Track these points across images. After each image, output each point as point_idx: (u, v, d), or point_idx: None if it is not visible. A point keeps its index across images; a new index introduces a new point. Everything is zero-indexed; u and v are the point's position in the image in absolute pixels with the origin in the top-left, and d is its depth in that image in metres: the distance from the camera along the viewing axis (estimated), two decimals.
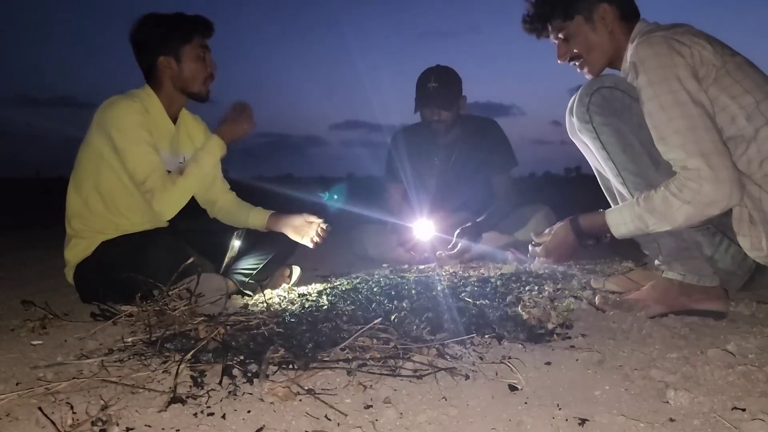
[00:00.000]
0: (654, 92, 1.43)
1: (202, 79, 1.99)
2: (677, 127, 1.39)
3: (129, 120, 1.84)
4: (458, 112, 2.79)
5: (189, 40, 1.95)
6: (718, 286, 1.61)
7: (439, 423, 0.97)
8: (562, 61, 1.74)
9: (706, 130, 1.38)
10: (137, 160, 1.84)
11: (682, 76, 1.41)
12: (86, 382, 1.13)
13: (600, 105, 1.54)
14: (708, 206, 1.38)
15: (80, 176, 1.94)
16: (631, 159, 1.55)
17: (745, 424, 0.94)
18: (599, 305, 1.69)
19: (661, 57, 1.43)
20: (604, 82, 1.56)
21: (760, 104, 1.43)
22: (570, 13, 1.66)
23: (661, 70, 1.43)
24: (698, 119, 1.39)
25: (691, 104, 1.39)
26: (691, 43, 1.45)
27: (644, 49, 1.47)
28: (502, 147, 2.89)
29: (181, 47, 1.95)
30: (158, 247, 1.77)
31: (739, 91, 1.44)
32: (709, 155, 1.36)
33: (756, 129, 1.43)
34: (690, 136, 1.38)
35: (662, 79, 1.42)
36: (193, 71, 1.97)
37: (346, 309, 1.63)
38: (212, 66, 2.02)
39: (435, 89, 2.66)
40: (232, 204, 2.23)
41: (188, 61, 1.96)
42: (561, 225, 1.68)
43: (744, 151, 1.44)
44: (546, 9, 1.70)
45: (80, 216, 1.95)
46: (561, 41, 1.71)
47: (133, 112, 1.86)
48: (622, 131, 1.54)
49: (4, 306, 1.90)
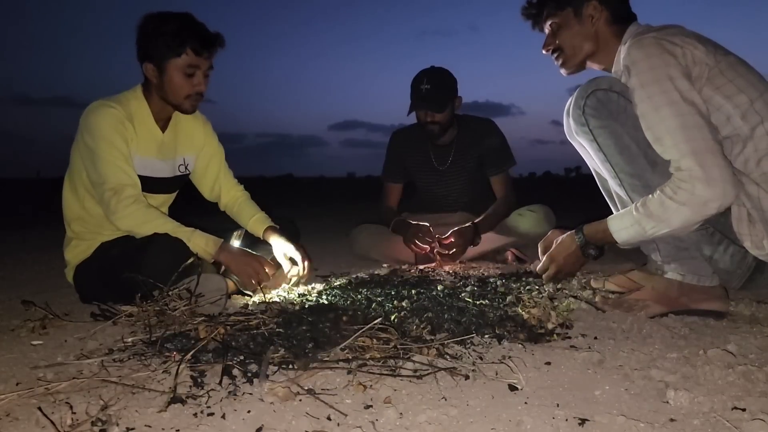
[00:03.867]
0: (646, 93, 1.43)
1: (184, 96, 1.87)
2: (669, 127, 1.40)
3: (106, 128, 1.80)
4: (453, 112, 2.79)
5: (177, 54, 1.81)
6: (717, 285, 1.61)
7: (439, 423, 0.97)
8: (546, 51, 1.76)
9: (698, 128, 1.38)
10: (109, 166, 1.80)
11: (674, 76, 1.42)
12: (86, 382, 1.13)
13: (595, 107, 1.55)
14: (703, 206, 1.38)
15: (74, 178, 1.94)
16: (628, 161, 1.55)
17: (745, 424, 0.94)
18: (599, 305, 1.69)
19: (652, 58, 1.44)
20: (600, 84, 1.56)
21: (755, 103, 1.44)
22: (562, 3, 1.68)
23: (653, 71, 1.43)
24: (690, 118, 1.39)
25: (683, 103, 1.40)
26: (683, 43, 1.46)
27: (636, 51, 1.47)
28: (500, 147, 2.89)
29: (168, 59, 1.82)
30: (158, 247, 1.77)
31: (732, 90, 1.45)
32: (701, 154, 1.37)
33: (752, 128, 1.44)
34: (682, 136, 1.39)
35: (654, 80, 1.43)
36: (174, 86, 1.85)
37: (346, 309, 1.63)
38: (200, 85, 1.87)
39: (428, 91, 2.66)
40: (238, 204, 2.20)
41: (172, 75, 1.83)
42: (564, 235, 1.68)
43: (741, 150, 1.45)
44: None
45: (80, 218, 1.95)
46: (550, 31, 1.73)
47: (111, 119, 1.81)
48: (619, 133, 1.54)
49: (4, 306, 1.90)
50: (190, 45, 1.81)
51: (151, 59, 1.85)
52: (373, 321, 1.35)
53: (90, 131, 1.82)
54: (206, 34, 1.85)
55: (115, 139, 1.81)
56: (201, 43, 1.83)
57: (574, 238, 1.64)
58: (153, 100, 1.93)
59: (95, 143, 1.80)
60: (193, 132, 2.11)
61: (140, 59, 1.88)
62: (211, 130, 2.19)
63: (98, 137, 1.80)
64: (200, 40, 1.83)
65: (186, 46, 1.81)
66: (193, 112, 1.95)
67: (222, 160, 2.21)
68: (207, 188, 2.21)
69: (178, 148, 2.07)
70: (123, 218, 1.80)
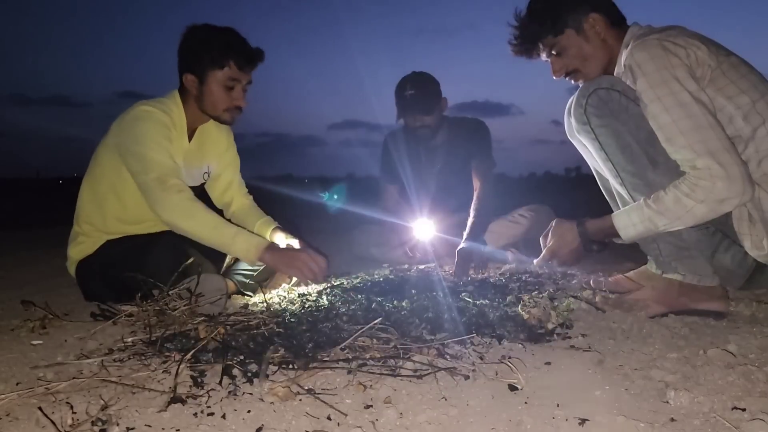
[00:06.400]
0: (655, 94, 1.43)
1: (223, 109, 1.89)
2: (682, 128, 1.40)
3: (154, 131, 1.80)
4: (441, 114, 2.81)
5: (220, 67, 1.83)
6: (718, 285, 1.61)
7: (439, 423, 0.97)
8: (558, 76, 1.73)
9: (711, 128, 1.39)
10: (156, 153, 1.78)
11: (681, 77, 1.42)
12: (86, 382, 1.13)
13: (597, 106, 1.55)
14: (722, 204, 1.40)
15: (97, 176, 1.93)
16: (630, 160, 1.55)
17: (745, 424, 0.94)
18: (599, 305, 1.69)
19: (657, 59, 1.44)
20: (601, 83, 1.56)
21: (757, 104, 1.44)
22: (560, 27, 1.66)
23: (659, 72, 1.43)
24: (702, 118, 1.39)
25: (694, 104, 1.40)
26: (686, 44, 1.46)
27: (640, 52, 1.47)
28: (483, 148, 2.88)
29: (209, 71, 1.84)
30: (159, 247, 1.77)
31: (734, 91, 1.45)
32: (718, 153, 1.37)
33: (753, 129, 1.44)
34: (696, 136, 1.39)
35: (662, 82, 1.43)
36: (214, 99, 1.87)
37: (346, 309, 1.63)
38: (239, 100, 1.89)
39: (413, 96, 2.67)
40: (245, 210, 2.22)
41: (212, 87, 1.85)
42: (567, 228, 1.68)
43: (742, 151, 1.46)
44: (534, 28, 1.70)
45: (91, 216, 1.94)
46: (554, 57, 1.71)
47: (161, 124, 1.82)
48: (620, 132, 1.54)
49: (4, 306, 1.91)
50: (233, 59, 1.84)
51: (193, 71, 1.86)
52: (373, 321, 1.35)
53: (136, 135, 1.80)
54: (250, 49, 1.88)
55: (163, 142, 1.81)
56: (245, 58, 1.86)
57: (576, 233, 1.64)
58: (189, 110, 1.94)
59: (143, 145, 1.78)
60: (218, 141, 2.13)
61: (181, 69, 1.89)
62: (233, 141, 2.21)
63: (147, 140, 1.79)
64: (244, 54, 1.86)
65: (230, 60, 1.83)
66: (232, 123, 1.99)
67: (237, 170, 2.23)
68: (218, 193, 2.22)
69: (205, 155, 2.08)
70: (167, 208, 1.74)
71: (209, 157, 2.11)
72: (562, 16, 1.65)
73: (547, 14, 1.67)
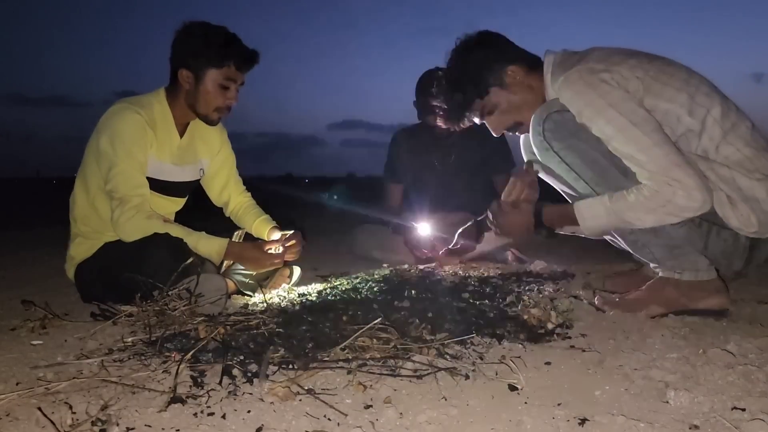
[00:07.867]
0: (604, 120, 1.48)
1: (214, 107, 1.90)
2: (641, 146, 1.45)
3: (127, 133, 1.80)
4: None
5: (219, 66, 1.84)
6: (716, 278, 1.61)
7: (439, 423, 0.97)
8: (498, 133, 1.80)
9: (667, 143, 1.45)
10: (121, 175, 1.80)
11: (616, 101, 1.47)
12: (86, 382, 1.13)
13: (554, 130, 1.58)
14: (680, 211, 1.45)
15: (87, 176, 1.93)
16: (600, 174, 1.58)
17: (745, 424, 0.94)
18: (599, 305, 1.69)
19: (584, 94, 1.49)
20: (552, 107, 1.59)
21: (695, 97, 1.51)
22: (483, 88, 1.71)
23: (591, 107, 1.49)
24: (656, 134, 1.45)
25: (643, 122, 1.45)
26: (608, 66, 1.51)
27: (567, 92, 1.53)
28: (501, 147, 2.89)
29: (207, 69, 1.85)
30: (158, 247, 1.77)
31: (671, 92, 1.51)
32: (679, 167, 1.42)
33: (701, 120, 1.50)
34: (655, 152, 1.44)
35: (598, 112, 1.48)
36: (207, 97, 1.87)
37: (346, 309, 1.63)
38: (233, 99, 1.91)
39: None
40: (243, 208, 2.23)
41: (208, 86, 1.86)
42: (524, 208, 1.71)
43: (698, 143, 1.52)
44: (458, 97, 1.74)
45: (86, 217, 1.95)
46: (488, 117, 1.75)
47: (134, 125, 1.82)
48: (583, 149, 1.57)
49: (4, 306, 1.90)
50: (233, 59, 1.85)
51: (189, 67, 1.86)
52: (373, 321, 1.35)
53: (110, 135, 1.81)
54: (248, 51, 1.89)
55: (134, 148, 1.82)
56: (244, 59, 1.88)
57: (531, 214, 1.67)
58: (176, 106, 1.94)
59: (114, 149, 1.80)
60: (210, 137, 2.13)
61: (175, 65, 1.89)
62: (227, 137, 2.21)
63: (118, 143, 1.80)
64: (243, 55, 1.87)
65: (230, 60, 1.85)
66: (216, 124, 2.00)
67: (233, 167, 2.24)
68: (215, 192, 2.23)
69: (197, 152, 2.08)
70: (125, 230, 1.79)
71: (203, 153, 2.11)
72: (483, 78, 1.70)
73: (467, 80, 1.72)
